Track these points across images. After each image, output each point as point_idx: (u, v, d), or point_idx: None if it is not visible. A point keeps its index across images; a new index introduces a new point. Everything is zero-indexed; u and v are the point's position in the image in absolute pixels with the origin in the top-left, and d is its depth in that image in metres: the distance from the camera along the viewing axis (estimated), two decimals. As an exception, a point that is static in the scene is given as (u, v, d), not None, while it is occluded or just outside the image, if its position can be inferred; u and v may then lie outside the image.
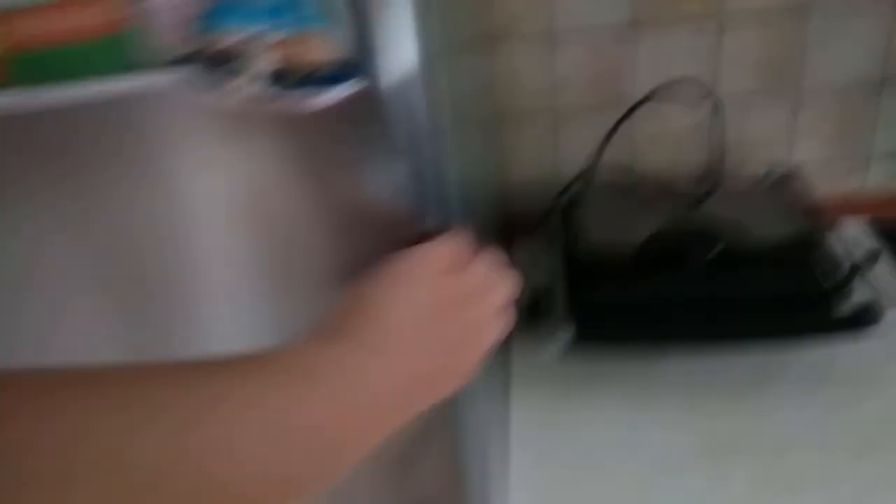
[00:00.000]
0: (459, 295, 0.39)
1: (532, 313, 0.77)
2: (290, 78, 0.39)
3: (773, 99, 0.90)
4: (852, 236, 0.90)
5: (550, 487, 0.64)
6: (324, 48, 0.39)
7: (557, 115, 0.92)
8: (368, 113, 0.40)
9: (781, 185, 0.85)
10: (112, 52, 0.39)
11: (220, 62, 0.38)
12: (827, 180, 0.94)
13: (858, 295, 0.70)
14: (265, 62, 0.39)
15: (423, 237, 0.41)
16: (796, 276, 0.73)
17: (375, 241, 0.42)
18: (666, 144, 0.93)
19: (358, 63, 0.39)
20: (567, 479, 0.65)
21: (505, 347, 0.63)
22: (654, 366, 0.76)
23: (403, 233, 0.42)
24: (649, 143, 0.93)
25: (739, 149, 0.92)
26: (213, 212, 0.45)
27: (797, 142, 0.93)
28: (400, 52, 0.39)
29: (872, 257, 0.73)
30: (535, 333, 0.77)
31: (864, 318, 0.68)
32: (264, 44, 0.38)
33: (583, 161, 0.88)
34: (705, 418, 0.69)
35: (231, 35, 0.38)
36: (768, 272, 0.72)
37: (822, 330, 0.70)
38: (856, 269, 0.71)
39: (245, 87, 0.39)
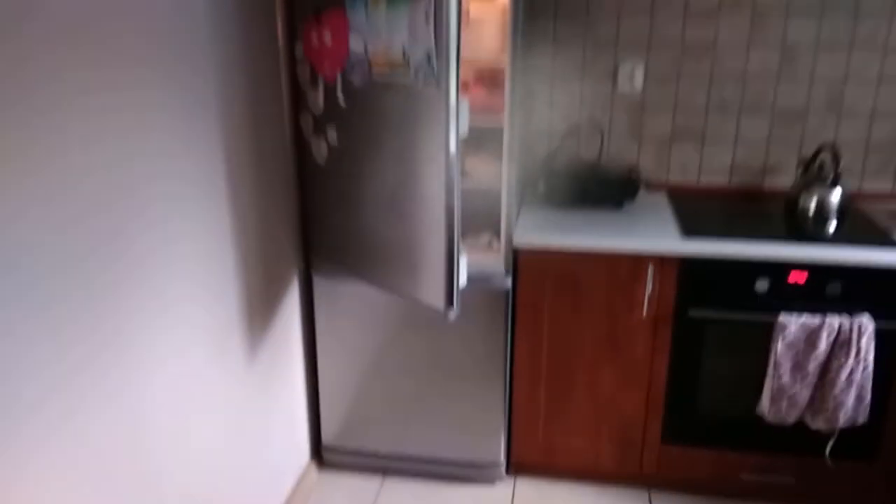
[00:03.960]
0: None
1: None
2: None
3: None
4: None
5: (534, 224, 1.92)
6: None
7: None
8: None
9: (628, 168, 2.12)
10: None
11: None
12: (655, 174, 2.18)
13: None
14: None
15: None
16: (622, 185, 2.02)
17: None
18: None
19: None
20: (538, 224, 1.93)
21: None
22: (574, 207, 2.05)
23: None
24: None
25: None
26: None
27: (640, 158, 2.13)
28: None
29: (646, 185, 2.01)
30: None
31: (633, 191, 1.99)
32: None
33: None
34: (589, 214, 1.98)
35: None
36: (612, 183, 2.02)
37: (626, 197, 2.02)
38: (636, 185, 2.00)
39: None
